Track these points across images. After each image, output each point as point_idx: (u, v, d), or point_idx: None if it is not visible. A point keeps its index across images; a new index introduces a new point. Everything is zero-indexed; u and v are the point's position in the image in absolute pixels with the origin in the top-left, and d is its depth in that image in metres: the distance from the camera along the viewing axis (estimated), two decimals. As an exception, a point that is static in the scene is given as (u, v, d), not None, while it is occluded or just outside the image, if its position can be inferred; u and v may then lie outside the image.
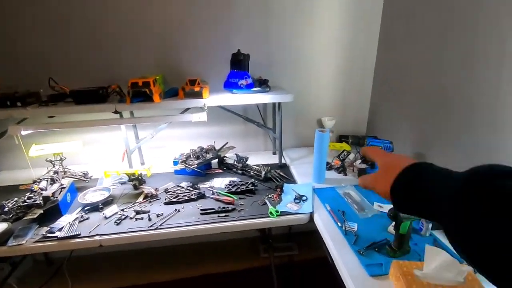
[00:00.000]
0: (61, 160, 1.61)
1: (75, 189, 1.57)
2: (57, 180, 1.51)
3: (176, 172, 1.76)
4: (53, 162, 1.59)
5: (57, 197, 1.37)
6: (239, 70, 1.57)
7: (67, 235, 1.25)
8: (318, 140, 1.52)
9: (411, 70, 1.62)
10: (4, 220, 1.33)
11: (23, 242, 1.22)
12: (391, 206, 1.42)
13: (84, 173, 1.65)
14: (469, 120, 1.24)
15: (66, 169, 1.62)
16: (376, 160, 0.53)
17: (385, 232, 1.21)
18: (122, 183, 1.66)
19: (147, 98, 1.52)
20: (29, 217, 1.32)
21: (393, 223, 1.22)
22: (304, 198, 1.46)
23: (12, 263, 1.88)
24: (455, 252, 0.37)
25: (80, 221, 1.35)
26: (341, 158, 1.83)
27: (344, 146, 1.92)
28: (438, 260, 0.86)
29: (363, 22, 1.87)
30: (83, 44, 1.71)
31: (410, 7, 1.58)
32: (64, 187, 1.45)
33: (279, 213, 1.36)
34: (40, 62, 1.70)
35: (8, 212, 1.37)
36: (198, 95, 1.57)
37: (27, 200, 1.35)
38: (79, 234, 1.26)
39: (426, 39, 1.48)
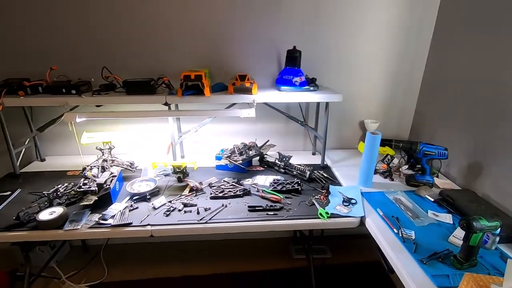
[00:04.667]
0: (110, 149, 1.63)
1: (122, 178, 1.59)
2: (107, 168, 1.53)
3: (218, 167, 1.75)
4: (102, 151, 1.62)
5: (109, 185, 1.39)
6: (293, 67, 1.55)
7: (119, 223, 1.26)
8: (369, 142, 1.48)
9: (464, 76, 1.56)
10: (59, 204, 1.36)
11: (78, 227, 1.24)
12: (449, 214, 1.32)
13: (130, 163, 1.67)
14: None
15: (114, 158, 1.64)
16: None
17: (446, 242, 1.16)
18: (166, 175, 1.67)
19: (197, 91, 1.53)
20: (84, 203, 1.34)
21: (455, 233, 1.17)
22: (353, 201, 1.42)
23: (52, 246, 1.94)
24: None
25: (130, 210, 1.36)
26: (386, 162, 1.79)
27: (388, 150, 1.86)
28: (524, 276, 0.81)
29: (415, 28, 1.80)
30: (129, 38, 1.71)
31: (466, 14, 1.51)
32: (115, 176, 1.47)
33: (329, 215, 1.33)
34: (94, 52, 1.71)
35: (61, 196, 1.40)
36: (248, 90, 1.56)
37: (82, 186, 1.37)
38: (131, 223, 1.27)
39: (482, 45, 1.41)
